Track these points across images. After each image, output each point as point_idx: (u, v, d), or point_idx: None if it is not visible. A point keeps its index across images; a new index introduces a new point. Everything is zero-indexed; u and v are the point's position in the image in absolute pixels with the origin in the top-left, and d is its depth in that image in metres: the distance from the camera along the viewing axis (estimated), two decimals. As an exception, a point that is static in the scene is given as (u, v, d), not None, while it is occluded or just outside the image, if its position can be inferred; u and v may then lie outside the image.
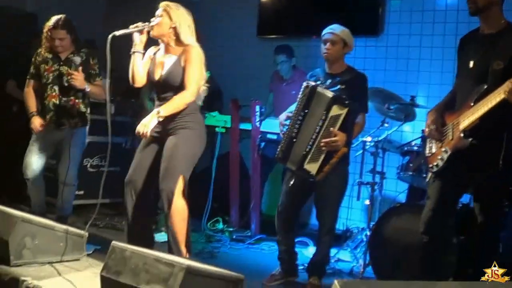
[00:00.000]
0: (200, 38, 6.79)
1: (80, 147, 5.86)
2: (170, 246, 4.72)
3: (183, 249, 4.74)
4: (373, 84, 5.61)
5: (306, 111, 4.81)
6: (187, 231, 4.78)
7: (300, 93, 4.90)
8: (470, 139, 3.91)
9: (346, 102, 4.66)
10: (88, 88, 5.60)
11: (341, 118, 4.66)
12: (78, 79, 5.52)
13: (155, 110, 4.59)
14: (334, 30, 5.00)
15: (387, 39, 7.25)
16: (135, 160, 4.92)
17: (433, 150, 4.31)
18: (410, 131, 6.65)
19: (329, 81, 4.97)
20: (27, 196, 6.61)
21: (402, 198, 6.25)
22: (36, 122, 5.68)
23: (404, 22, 7.12)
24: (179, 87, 4.68)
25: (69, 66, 5.67)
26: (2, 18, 7.88)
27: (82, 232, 4.66)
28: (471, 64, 4.12)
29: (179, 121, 4.71)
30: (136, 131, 4.59)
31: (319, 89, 4.78)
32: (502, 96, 3.63)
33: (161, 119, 4.59)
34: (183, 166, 4.69)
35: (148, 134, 4.56)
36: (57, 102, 5.69)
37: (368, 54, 7.33)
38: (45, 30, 5.66)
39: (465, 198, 5.00)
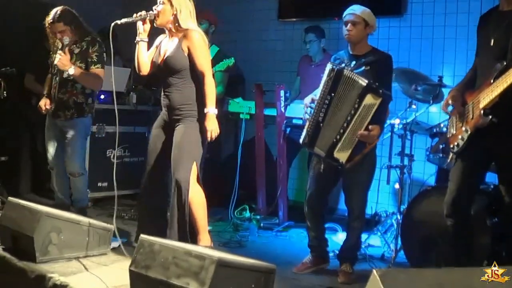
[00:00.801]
0: (216, 22, 6.74)
1: (81, 136, 5.78)
2: (184, 234, 4.72)
3: (207, 236, 4.80)
4: (398, 65, 5.50)
5: (332, 94, 4.69)
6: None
7: (325, 75, 4.78)
8: (490, 117, 3.83)
9: (380, 91, 4.53)
10: (72, 71, 5.47)
11: (375, 108, 4.54)
12: (60, 59, 5.43)
13: (212, 115, 4.68)
14: (354, 10, 4.87)
15: (411, 18, 7.11)
16: (151, 147, 5.02)
17: (453, 131, 4.22)
18: (437, 112, 6.49)
19: (353, 62, 4.85)
20: (49, 189, 6.63)
21: (431, 180, 6.14)
22: (42, 103, 5.77)
23: (428, 1, 6.97)
24: (182, 72, 4.75)
25: (71, 57, 5.61)
26: (16, 8, 7.81)
27: (108, 225, 4.60)
28: (492, 41, 4.03)
29: (184, 109, 4.75)
30: (210, 139, 4.70)
31: (347, 72, 4.65)
32: None
33: (216, 112, 4.71)
34: (194, 152, 4.74)
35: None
36: (56, 93, 5.68)
37: (392, 34, 7.18)
38: (46, 25, 5.63)
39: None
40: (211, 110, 4.65)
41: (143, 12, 4.74)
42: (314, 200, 5.02)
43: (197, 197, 4.72)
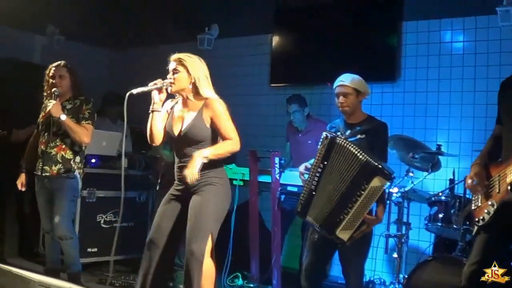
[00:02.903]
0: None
1: (69, 198, 5.68)
2: None
3: None
4: (392, 131, 5.47)
5: (325, 162, 4.59)
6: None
7: (320, 143, 4.70)
8: None
9: (389, 173, 4.37)
10: (64, 117, 5.50)
11: (382, 191, 4.42)
12: (53, 106, 5.47)
13: (197, 153, 4.40)
14: (344, 81, 4.82)
15: (404, 84, 7.15)
16: (156, 219, 4.75)
17: (479, 203, 4.12)
18: (432, 178, 6.44)
19: (348, 131, 4.80)
20: (37, 253, 6.50)
21: (424, 246, 6.10)
22: (19, 181, 5.87)
23: (421, 67, 7.01)
24: (203, 142, 4.56)
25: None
26: (8, 69, 7.83)
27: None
28: None
29: (203, 177, 4.51)
30: (185, 180, 4.40)
31: (341, 141, 4.54)
32: None
33: (206, 161, 4.41)
34: (211, 224, 4.55)
35: (198, 176, 4.37)
36: (44, 148, 5.65)
37: (385, 100, 7.22)
38: (47, 71, 5.72)
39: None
40: (205, 152, 4.40)
41: (159, 81, 4.55)
42: (312, 270, 4.90)
43: (208, 271, 4.54)
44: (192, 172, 4.33)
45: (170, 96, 4.79)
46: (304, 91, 7.15)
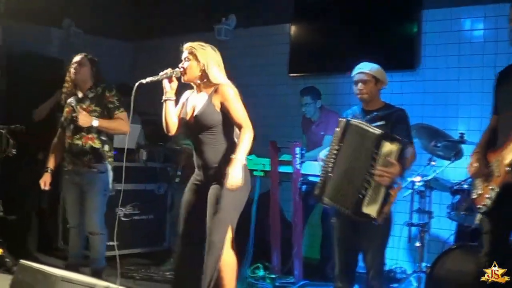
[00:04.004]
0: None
1: (101, 193, 5.66)
2: None
3: None
4: (412, 120, 5.44)
5: (341, 144, 4.64)
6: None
7: (337, 128, 4.75)
8: None
9: (397, 136, 4.44)
10: (96, 123, 5.45)
11: (395, 155, 4.40)
12: (80, 118, 5.42)
13: (235, 161, 4.36)
14: (362, 69, 4.86)
15: (424, 73, 7.10)
16: (182, 212, 4.75)
17: (479, 191, 4.13)
18: (453, 167, 6.38)
19: (367, 117, 4.81)
20: (57, 248, 6.50)
21: (449, 237, 6.07)
22: (43, 180, 5.75)
23: (441, 55, 6.97)
24: (215, 127, 4.54)
25: (83, 103, 5.59)
26: (27, 64, 7.90)
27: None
28: None
29: (223, 168, 4.47)
30: (230, 187, 4.36)
31: (355, 122, 4.63)
32: None
33: (245, 163, 4.46)
34: (231, 215, 4.54)
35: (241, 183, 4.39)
36: (71, 141, 5.60)
37: (405, 89, 7.17)
38: (70, 66, 5.67)
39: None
40: (239, 156, 4.37)
41: (169, 70, 4.56)
42: (344, 262, 4.88)
43: (229, 263, 4.55)
44: (236, 181, 4.33)
45: (187, 86, 4.80)
46: (323, 81, 7.13)
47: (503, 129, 4.09)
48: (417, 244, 5.67)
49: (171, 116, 4.68)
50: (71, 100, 5.65)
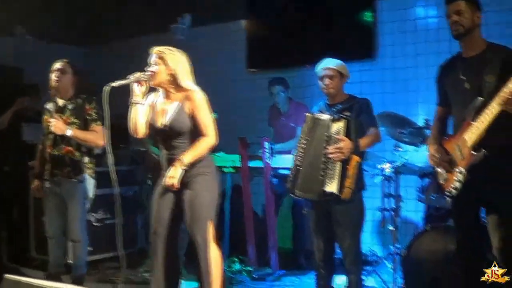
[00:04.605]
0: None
1: (81, 201, 5.63)
2: None
3: None
4: (374, 108, 5.58)
5: (308, 138, 4.86)
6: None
7: (303, 124, 4.99)
8: (483, 150, 3.88)
9: (341, 116, 4.74)
10: (69, 132, 5.40)
11: (341, 131, 4.69)
12: (54, 125, 5.38)
13: (177, 162, 4.49)
14: (327, 65, 5.02)
15: (382, 61, 7.28)
16: (154, 212, 4.77)
17: (445, 176, 4.24)
18: (419, 151, 6.57)
19: (333, 109, 4.98)
20: (32, 258, 6.46)
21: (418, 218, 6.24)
22: (33, 186, 5.73)
23: (398, 44, 7.16)
24: (185, 134, 4.60)
25: (63, 113, 5.55)
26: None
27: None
28: (468, 86, 4.10)
29: (193, 169, 4.59)
30: (165, 184, 4.52)
31: (313, 115, 4.92)
32: (500, 105, 3.71)
33: (186, 168, 4.50)
34: (209, 212, 4.63)
35: (178, 185, 4.47)
36: (51, 151, 5.56)
37: (364, 78, 7.33)
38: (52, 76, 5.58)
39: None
40: (184, 158, 4.47)
41: (138, 74, 4.56)
42: (323, 251, 5.04)
43: (214, 257, 4.67)
44: (173, 182, 4.48)
45: (153, 89, 4.80)
46: (282, 74, 7.20)
47: (457, 116, 4.22)
48: (390, 227, 5.81)
49: (140, 119, 4.69)
50: (50, 105, 5.62)
